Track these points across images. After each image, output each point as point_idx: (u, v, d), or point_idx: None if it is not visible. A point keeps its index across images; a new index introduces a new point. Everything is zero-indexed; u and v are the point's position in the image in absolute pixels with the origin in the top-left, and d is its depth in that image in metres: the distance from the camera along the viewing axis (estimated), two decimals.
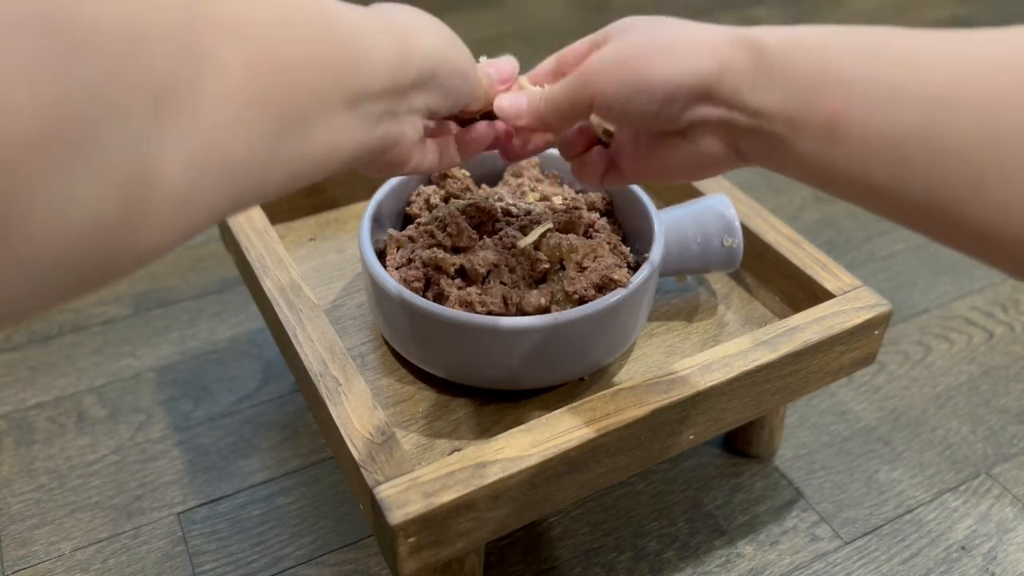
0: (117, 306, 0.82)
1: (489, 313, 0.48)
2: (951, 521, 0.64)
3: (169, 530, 0.62)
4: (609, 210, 0.59)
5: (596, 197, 0.59)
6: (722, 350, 0.51)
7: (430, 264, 0.51)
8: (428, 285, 0.51)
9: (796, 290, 0.59)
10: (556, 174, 0.62)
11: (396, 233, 0.54)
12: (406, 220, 0.60)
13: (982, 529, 0.64)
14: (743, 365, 0.50)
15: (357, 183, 0.69)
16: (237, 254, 0.62)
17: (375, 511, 0.43)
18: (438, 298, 0.50)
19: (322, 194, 0.68)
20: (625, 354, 0.56)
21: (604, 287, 0.50)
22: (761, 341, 0.52)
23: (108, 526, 0.62)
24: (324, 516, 0.63)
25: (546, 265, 0.52)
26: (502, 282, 0.51)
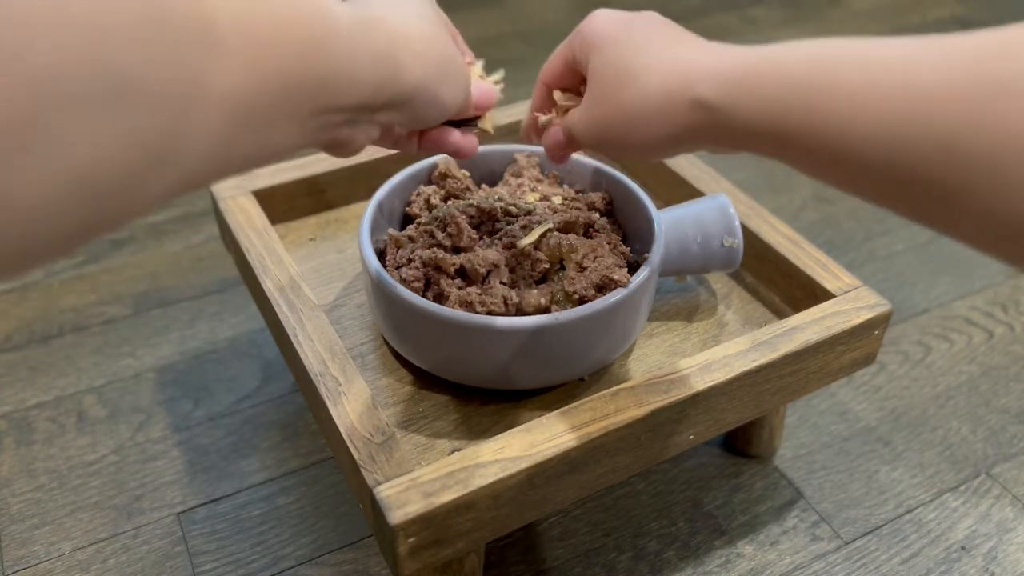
0: (117, 306, 0.82)
1: (489, 313, 0.48)
2: (951, 521, 0.64)
3: (169, 530, 0.62)
4: (609, 210, 0.59)
5: (596, 197, 0.59)
6: (722, 350, 0.51)
7: (430, 264, 0.51)
8: (428, 285, 0.51)
9: (796, 290, 0.59)
10: (556, 174, 0.62)
11: (396, 233, 0.54)
12: (406, 220, 0.60)
13: (982, 529, 0.64)
14: (743, 365, 0.50)
15: (357, 183, 0.69)
16: (237, 254, 0.62)
17: (375, 511, 0.43)
18: (438, 298, 0.50)
19: (322, 194, 0.68)
20: (625, 354, 0.56)
21: (604, 287, 0.50)
22: (761, 341, 0.52)
23: (108, 526, 0.62)
24: (324, 516, 0.63)
25: (546, 265, 0.52)
26: (502, 282, 0.51)
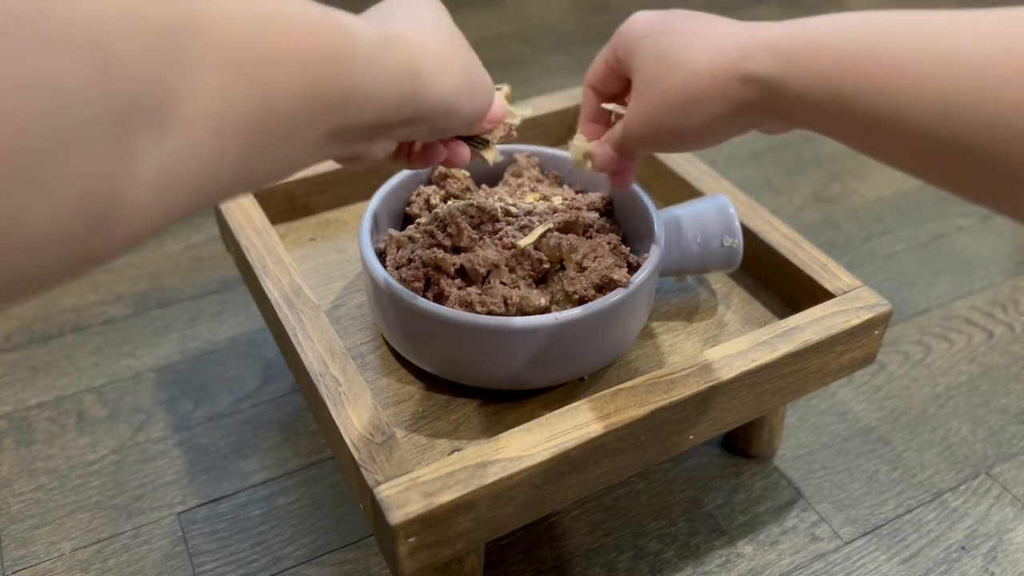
0: (117, 306, 0.82)
1: (489, 313, 0.48)
2: (951, 521, 0.64)
3: (169, 530, 0.62)
4: (609, 210, 0.59)
5: (596, 197, 0.59)
6: (722, 350, 0.51)
7: (430, 264, 0.51)
8: (428, 285, 0.51)
9: (796, 290, 0.59)
10: (556, 174, 0.62)
11: (396, 233, 0.54)
12: (406, 220, 0.60)
13: (982, 529, 0.64)
14: (743, 365, 0.50)
15: (357, 183, 0.69)
16: (237, 254, 0.62)
17: (375, 511, 0.43)
18: (438, 298, 0.50)
19: (322, 194, 0.68)
20: (625, 354, 0.56)
21: (604, 287, 0.50)
22: (761, 341, 0.52)
23: (108, 526, 0.62)
24: (324, 516, 0.63)
25: (546, 265, 0.52)
26: (502, 282, 0.51)
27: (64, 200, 0.19)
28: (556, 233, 0.53)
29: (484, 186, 0.61)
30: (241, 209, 0.62)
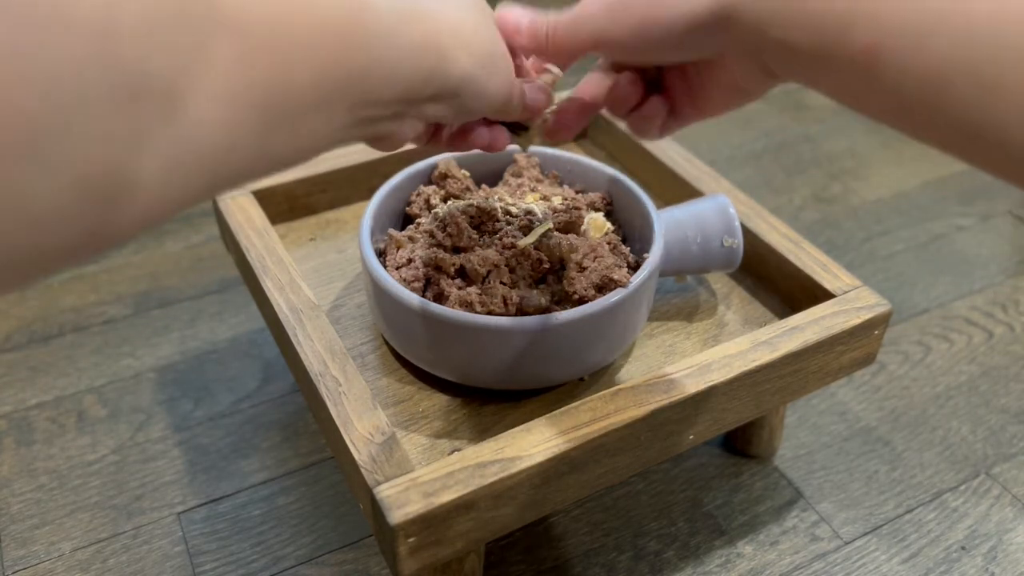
0: (117, 306, 0.82)
1: (489, 313, 0.48)
2: (951, 521, 0.64)
3: (169, 530, 0.62)
4: (609, 210, 0.59)
5: (596, 197, 0.59)
6: (722, 350, 0.51)
7: (430, 264, 0.51)
8: (428, 285, 0.51)
9: (796, 290, 0.59)
10: (556, 174, 0.62)
11: (396, 233, 0.55)
12: (406, 220, 0.60)
13: (982, 529, 0.64)
14: (743, 365, 0.50)
15: (357, 183, 0.69)
16: (237, 254, 0.62)
17: (375, 511, 0.43)
18: (438, 298, 0.50)
19: (322, 194, 0.68)
20: (625, 354, 0.56)
21: (604, 287, 0.50)
22: (761, 341, 0.52)
23: (108, 526, 0.62)
24: (324, 516, 0.63)
25: (546, 265, 0.52)
26: (502, 282, 0.51)
27: (70, 175, 0.19)
28: (556, 233, 0.53)
29: (484, 186, 0.61)
30: (241, 209, 0.62)
